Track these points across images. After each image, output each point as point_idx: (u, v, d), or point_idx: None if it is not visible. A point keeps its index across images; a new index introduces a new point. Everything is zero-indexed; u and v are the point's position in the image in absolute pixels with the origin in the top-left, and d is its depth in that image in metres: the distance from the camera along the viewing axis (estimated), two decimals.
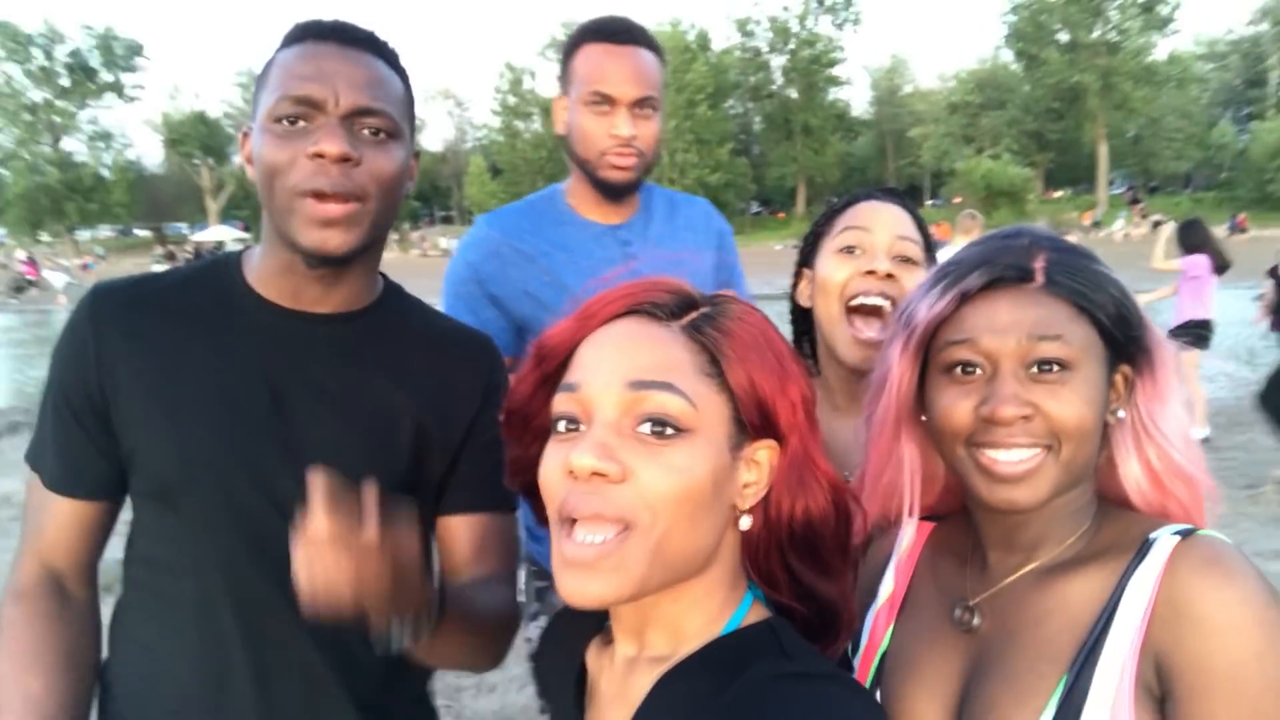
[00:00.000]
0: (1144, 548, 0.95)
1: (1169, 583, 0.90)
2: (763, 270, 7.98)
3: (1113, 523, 1.02)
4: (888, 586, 1.16)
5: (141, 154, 62.04)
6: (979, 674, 1.00)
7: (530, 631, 2.04)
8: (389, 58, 1.24)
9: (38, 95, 54.95)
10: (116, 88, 58.31)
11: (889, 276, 1.45)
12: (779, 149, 63.70)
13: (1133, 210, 41.99)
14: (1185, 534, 0.94)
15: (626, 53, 1.84)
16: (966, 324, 0.99)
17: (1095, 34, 55.02)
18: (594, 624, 0.98)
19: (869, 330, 1.44)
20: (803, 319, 1.63)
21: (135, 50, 58.07)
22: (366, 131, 1.17)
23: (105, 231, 67.57)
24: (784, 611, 0.92)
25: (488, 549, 1.35)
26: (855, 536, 0.93)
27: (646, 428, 0.79)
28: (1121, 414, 1.02)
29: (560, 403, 0.84)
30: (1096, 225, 43.02)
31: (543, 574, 2.01)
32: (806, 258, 1.61)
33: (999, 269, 0.99)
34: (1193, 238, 7.83)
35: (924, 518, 1.17)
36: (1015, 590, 1.02)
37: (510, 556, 1.40)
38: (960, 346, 0.98)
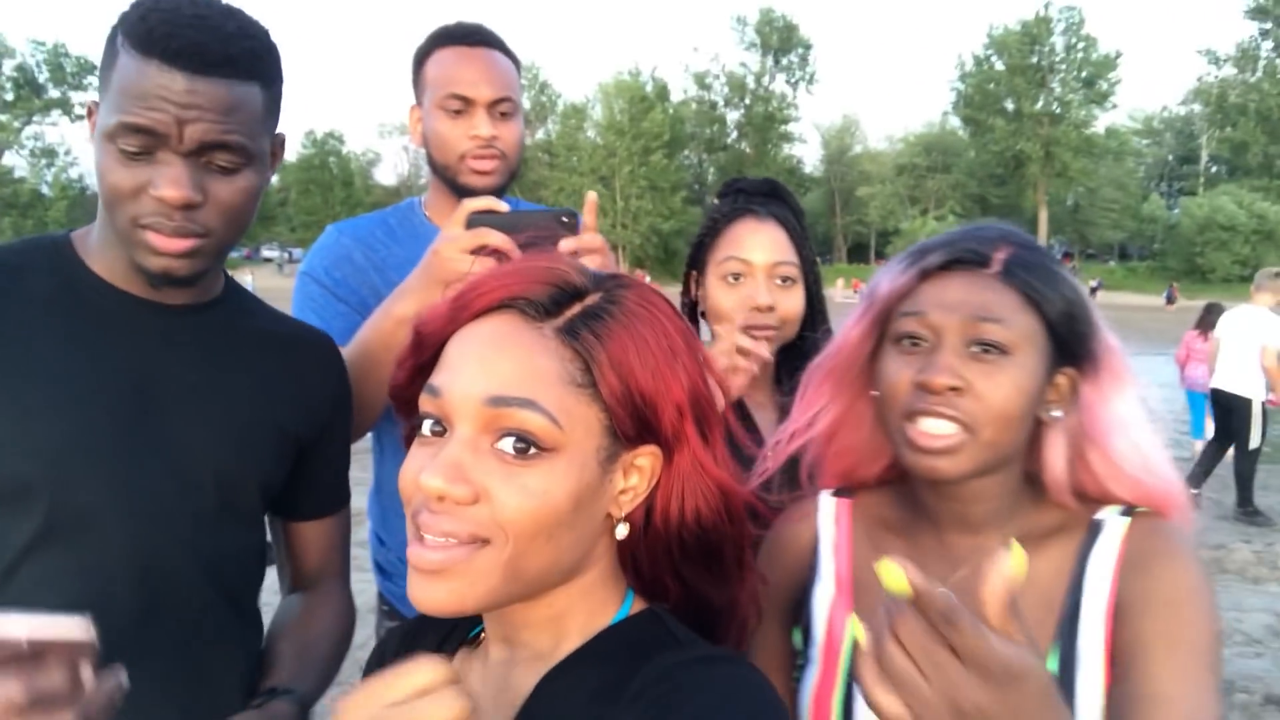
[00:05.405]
0: (1094, 528, 1.03)
1: (1127, 563, 0.99)
2: None
3: (1051, 505, 1.07)
4: (828, 567, 1.15)
5: (85, 172, 60.61)
6: None
7: None
8: (246, 70, 1.09)
9: None
10: (64, 104, 57.21)
11: (770, 309, 1.61)
12: None
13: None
14: (1129, 513, 1.04)
15: (480, 54, 1.77)
16: (920, 298, 1.05)
17: (1039, 105, 57.22)
18: (458, 631, 0.93)
19: (761, 349, 1.53)
20: (695, 311, 1.77)
21: (87, 68, 57.12)
22: (215, 165, 1.10)
23: None
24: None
25: (334, 549, 1.44)
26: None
27: (507, 444, 0.74)
28: (1057, 414, 1.06)
29: (425, 403, 0.78)
30: None
31: (395, 614, 1.92)
32: (695, 260, 1.74)
33: (958, 251, 1.05)
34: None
35: (836, 492, 1.20)
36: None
37: (347, 548, 1.48)
38: (910, 318, 1.05)
